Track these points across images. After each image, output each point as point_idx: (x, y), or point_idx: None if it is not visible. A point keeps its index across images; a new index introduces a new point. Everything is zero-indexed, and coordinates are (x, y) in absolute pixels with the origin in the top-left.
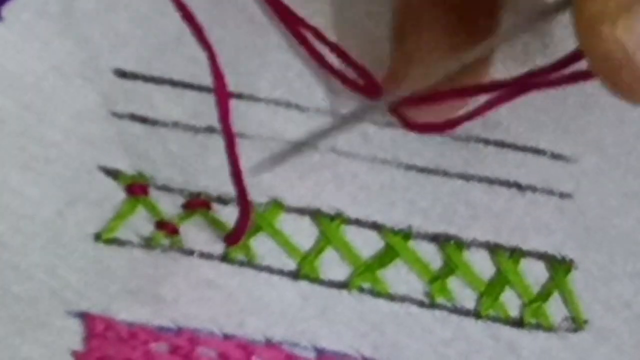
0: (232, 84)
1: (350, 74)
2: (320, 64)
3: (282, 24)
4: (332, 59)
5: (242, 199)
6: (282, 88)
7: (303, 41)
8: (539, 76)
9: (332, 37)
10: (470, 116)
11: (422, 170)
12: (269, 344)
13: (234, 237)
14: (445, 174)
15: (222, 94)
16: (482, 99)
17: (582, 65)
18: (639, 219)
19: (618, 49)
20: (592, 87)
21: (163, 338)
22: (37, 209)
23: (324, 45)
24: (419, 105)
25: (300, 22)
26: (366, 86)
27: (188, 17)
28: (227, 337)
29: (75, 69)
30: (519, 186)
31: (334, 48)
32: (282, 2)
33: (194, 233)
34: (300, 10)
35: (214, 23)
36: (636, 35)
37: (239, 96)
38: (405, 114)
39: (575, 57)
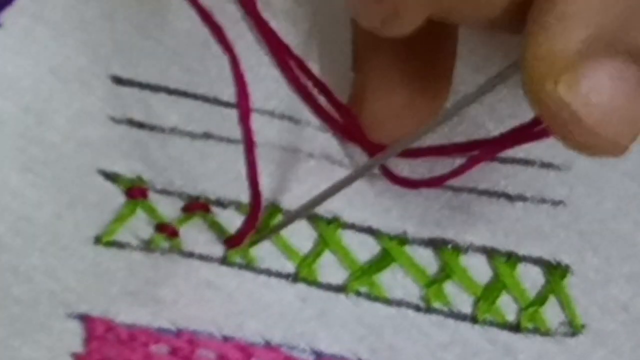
0: (227, 95)
1: (332, 110)
2: (302, 98)
3: (268, 50)
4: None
5: (256, 205)
6: (275, 100)
7: (287, 71)
8: (522, 131)
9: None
10: (455, 173)
11: None
12: (268, 346)
13: (236, 240)
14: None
15: (243, 96)
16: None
17: None
18: (636, 221)
19: (563, 108)
20: None
21: (163, 340)
22: (36, 211)
23: (307, 78)
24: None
25: (286, 50)
26: (347, 126)
27: (207, 18)
28: (226, 338)
29: (73, 74)
30: (508, 196)
31: (317, 83)
32: (269, 27)
33: (194, 235)
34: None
35: (208, 37)
36: (580, 94)
37: (234, 106)
38: (391, 169)
39: None
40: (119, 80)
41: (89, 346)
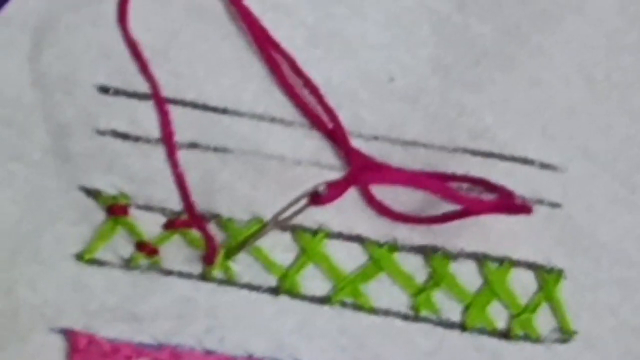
0: (216, 98)
1: (321, 113)
2: (291, 97)
3: (258, 49)
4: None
5: (203, 231)
6: (265, 101)
7: (276, 69)
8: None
9: None
10: (436, 220)
11: None
12: (250, 359)
13: (208, 258)
14: None
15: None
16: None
17: None
18: (626, 225)
19: None
20: (578, 92)
21: (145, 353)
22: (17, 226)
23: (297, 77)
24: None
25: (277, 48)
26: (333, 130)
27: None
28: (208, 352)
29: (57, 84)
30: None
31: (307, 83)
32: (260, 25)
33: (173, 253)
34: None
35: (197, 37)
36: None
37: (224, 111)
38: (380, 201)
39: None
40: (104, 89)
41: (72, 359)
